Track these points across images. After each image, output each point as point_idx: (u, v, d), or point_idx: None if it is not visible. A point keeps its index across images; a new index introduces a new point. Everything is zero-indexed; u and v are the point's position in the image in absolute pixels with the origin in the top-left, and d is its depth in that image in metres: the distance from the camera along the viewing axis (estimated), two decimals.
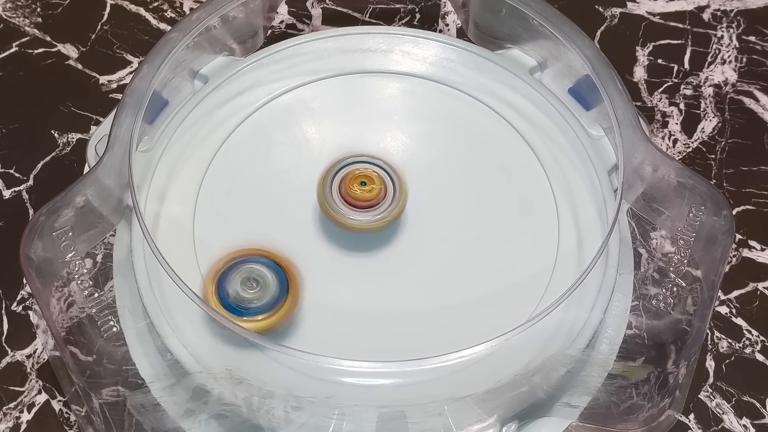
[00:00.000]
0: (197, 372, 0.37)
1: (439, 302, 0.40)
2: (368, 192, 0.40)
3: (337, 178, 0.41)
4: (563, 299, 0.36)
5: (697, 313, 0.39)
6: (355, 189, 0.40)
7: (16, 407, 0.44)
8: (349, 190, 0.40)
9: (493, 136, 0.45)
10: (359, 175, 0.40)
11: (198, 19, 0.43)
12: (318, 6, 0.58)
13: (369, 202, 0.40)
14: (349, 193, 0.40)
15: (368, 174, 0.41)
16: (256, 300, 0.37)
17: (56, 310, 0.38)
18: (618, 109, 0.41)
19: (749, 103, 0.55)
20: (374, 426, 0.37)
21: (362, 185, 0.40)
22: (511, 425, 0.38)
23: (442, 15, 0.58)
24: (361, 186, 0.40)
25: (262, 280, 0.37)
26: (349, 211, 0.40)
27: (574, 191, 0.43)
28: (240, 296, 0.37)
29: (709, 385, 0.46)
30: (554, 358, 0.38)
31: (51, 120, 0.53)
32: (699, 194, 0.40)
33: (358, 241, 0.41)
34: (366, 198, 0.40)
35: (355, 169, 0.41)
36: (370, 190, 0.40)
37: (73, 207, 0.38)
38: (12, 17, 0.57)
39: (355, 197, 0.40)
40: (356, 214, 0.40)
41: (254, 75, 0.46)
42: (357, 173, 0.41)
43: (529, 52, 0.47)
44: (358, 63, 0.47)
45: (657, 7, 0.59)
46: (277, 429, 0.37)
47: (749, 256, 0.50)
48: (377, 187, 0.40)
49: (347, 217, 0.40)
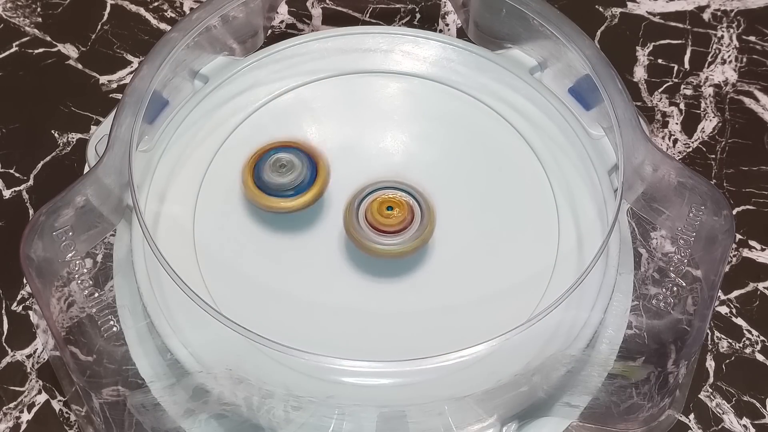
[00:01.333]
0: (197, 372, 0.37)
1: (439, 302, 0.40)
2: (394, 218, 0.40)
3: (364, 204, 0.40)
4: (563, 299, 0.36)
5: (697, 313, 0.39)
6: (382, 215, 0.40)
7: (16, 407, 0.44)
8: (376, 215, 0.40)
9: (493, 136, 0.45)
10: (386, 201, 0.40)
11: (198, 19, 0.43)
12: (318, 6, 0.58)
13: (394, 228, 0.40)
14: (376, 218, 0.40)
15: (396, 200, 0.40)
16: (288, 182, 0.40)
17: (56, 310, 0.38)
18: (618, 109, 0.41)
19: (749, 103, 0.55)
20: (374, 426, 0.37)
21: (388, 210, 0.40)
22: (511, 425, 0.39)
23: (442, 15, 0.58)
24: (387, 211, 0.40)
25: (290, 164, 0.41)
26: (376, 237, 0.39)
27: (574, 191, 0.43)
28: (273, 180, 0.40)
29: (709, 385, 0.46)
30: (554, 358, 0.38)
31: (51, 120, 0.53)
32: (699, 194, 0.40)
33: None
34: (391, 224, 0.40)
35: (382, 194, 0.40)
36: (396, 216, 0.40)
37: (73, 207, 0.38)
38: (12, 17, 0.57)
39: (381, 223, 0.40)
40: (383, 238, 0.39)
41: (254, 75, 0.46)
42: (384, 198, 0.40)
43: (529, 52, 0.47)
44: (358, 63, 0.47)
45: (657, 7, 0.59)
46: (277, 429, 0.37)
47: (749, 256, 0.50)
48: (403, 213, 0.40)
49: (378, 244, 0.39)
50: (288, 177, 0.40)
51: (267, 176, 0.41)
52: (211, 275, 0.40)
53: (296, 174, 0.40)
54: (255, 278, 0.40)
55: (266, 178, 0.40)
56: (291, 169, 0.41)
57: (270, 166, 0.41)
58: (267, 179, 0.40)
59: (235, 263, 0.40)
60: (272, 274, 0.40)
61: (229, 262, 0.40)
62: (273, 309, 0.39)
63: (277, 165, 0.41)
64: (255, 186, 0.41)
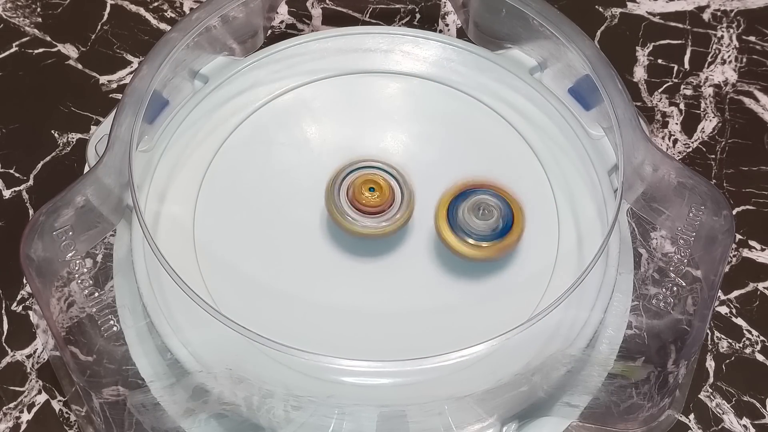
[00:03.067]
0: (197, 371, 0.37)
1: (439, 302, 0.40)
2: (377, 198, 0.40)
3: (345, 183, 0.40)
4: (563, 299, 0.36)
5: (697, 313, 0.39)
6: (365, 195, 0.40)
7: (16, 407, 0.44)
8: (358, 196, 0.40)
9: (493, 136, 0.45)
10: (367, 181, 0.40)
11: (198, 19, 0.43)
12: (318, 6, 0.58)
13: (377, 208, 0.40)
14: (358, 199, 0.40)
15: (376, 180, 0.40)
16: (484, 227, 0.39)
17: (56, 309, 0.38)
18: (618, 109, 0.41)
19: (749, 103, 0.55)
20: (374, 425, 0.37)
21: (371, 191, 0.40)
22: (511, 425, 0.39)
23: (442, 15, 0.58)
24: (369, 192, 0.40)
25: (490, 210, 0.40)
26: (358, 217, 0.40)
27: (574, 191, 0.43)
28: (468, 221, 0.39)
29: (709, 385, 0.46)
30: (554, 358, 0.38)
31: (51, 120, 0.53)
32: (699, 194, 0.40)
33: (358, 241, 0.41)
34: (374, 204, 0.40)
35: (363, 174, 0.41)
36: (379, 195, 0.40)
37: (73, 207, 0.38)
38: (12, 17, 0.57)
39: (363, 203, 0.40)
40: (365, 220, 0.40)
41: (254, 75, 0.46)
42: (365, 178, 0.40)
43: (529, 52, 0.47)
44: (358, 63, 0.47)
45: (657, 7, 0.59)
46: (277, 428, 0.37)
47: (749, 256, 0.50)
48: (386, 192, 0.40)
49: (357, 223, 0.39)
50: (489, 221, 0.39)
51: (465, 217, 0.39)
52: (211, 275, 0.40)
53: (495, 218, 0.40)
54: (255, 278, 0.40)
55: (464, 219, 0.39)
56: (491, 214, 0.40)
57: (469, 208, 0.40)
58: (466, 220, 0.39)
59: (235, 263, 0.40)
60: (272, 274, 0.40)
61: (229, 262, 0.40)
62: (273, 309, 0.39)
63: (478, 208, 0.40)
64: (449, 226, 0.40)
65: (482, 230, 0.39)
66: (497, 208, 0.40)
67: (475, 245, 0.39)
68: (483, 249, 0.39)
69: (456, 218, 0.40)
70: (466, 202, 0.40)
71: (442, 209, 0.40)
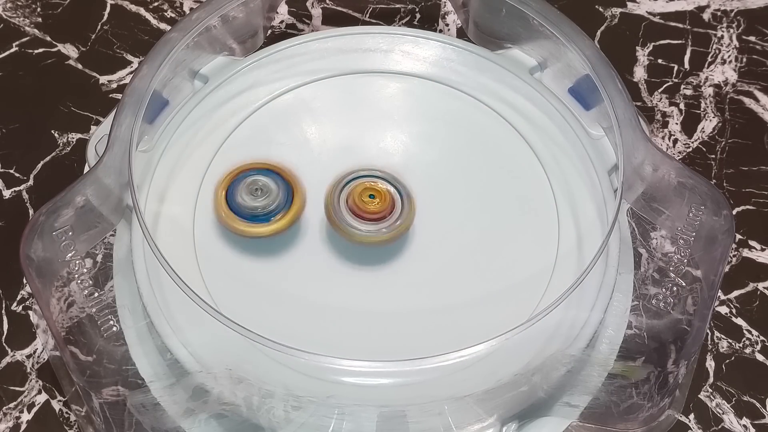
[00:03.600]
0: (197, 371, 0.37)
1: (439, 302, 0.40)
2: (376, 205, 0.40)
3: (345, 191, 0.40)
4: (563, 299, 0.36)
5: (697, 313, 0.39)
6: (364, 202, 0.40)
7: (16, 407, 0.44)
8: (358, 202, 0.40)
9: (493, 136, 0.45)
10: (368, 188, 0.40)
11: (198, 19, 0.43)
12: (318, 6, 0.58)
13: (377, 215, 0.40)
14: (358, 205, 0.40)
15: (377, 188, 0.40)
16: (261, 207, 0.40)
17: (56, 309, 0.38)
18: (618, 109, 0.41)
19: (749, 103, 0.55)
20: (374, 426, 0.37)
21: (371, 197, 0.40)
22: (511, 425, 0.39)
23: (442, 15, 0.58)
24: (369, 198, 0.40)
25: (267, 189, 0.40)
26: (358, 225, 0.40)
27: (574, 191, 0.43)
28: (247, 204, 0.40)
29: (709, 385, 0.46)
30: (554, 358, 0.38)
31: (51, 120, 0.53)
32: (699, 194, 0.40)
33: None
34: (373, 211, 0.40)
35: (363, 182, 0.40)
36: (379, 202, 0.40)
37: (73, 207, 0.38)
38: (12, 17, 0.57)
39: (363, 210, 0.40)
40: (365, 226, 0.40)
41: (254, 75, 0.46)
42: (366, 186, 0.40)
43: (529, 52, 0.47)
44: (358, 63, 0.47)
45: (657, 7, 0.59)
46: (277, 429, 0.37)
47: (749, 256, 0.50)
48: (386, 199, 0.40)
49: (356, 229, 0.39)
50: (262, 201, 0.40)
51: (241, 198, 0.40)
52: (211, 275, 0.40)
53: (271, 198, 0.40)
54: (255, 278, 0.40)
55: (240, 201, 0.40)
56: (267, 192, 0.40)
57: (245, 188, 0.40)
58: (241, 202, 0.40)
59: (235, 263, 0.40)
60: (272, 274, 0.40)
61: (229, 262, 0.40)
62: (273, 309, 0.39)
63: (253, 188, 0.40)
64: (228, 207, 0.40)
65: (255, 208, 0.40)
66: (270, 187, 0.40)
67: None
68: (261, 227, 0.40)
69: (235, 201, 0.40)
70: (242, 184, 0.40)
71: (220, 195, 0.40)
